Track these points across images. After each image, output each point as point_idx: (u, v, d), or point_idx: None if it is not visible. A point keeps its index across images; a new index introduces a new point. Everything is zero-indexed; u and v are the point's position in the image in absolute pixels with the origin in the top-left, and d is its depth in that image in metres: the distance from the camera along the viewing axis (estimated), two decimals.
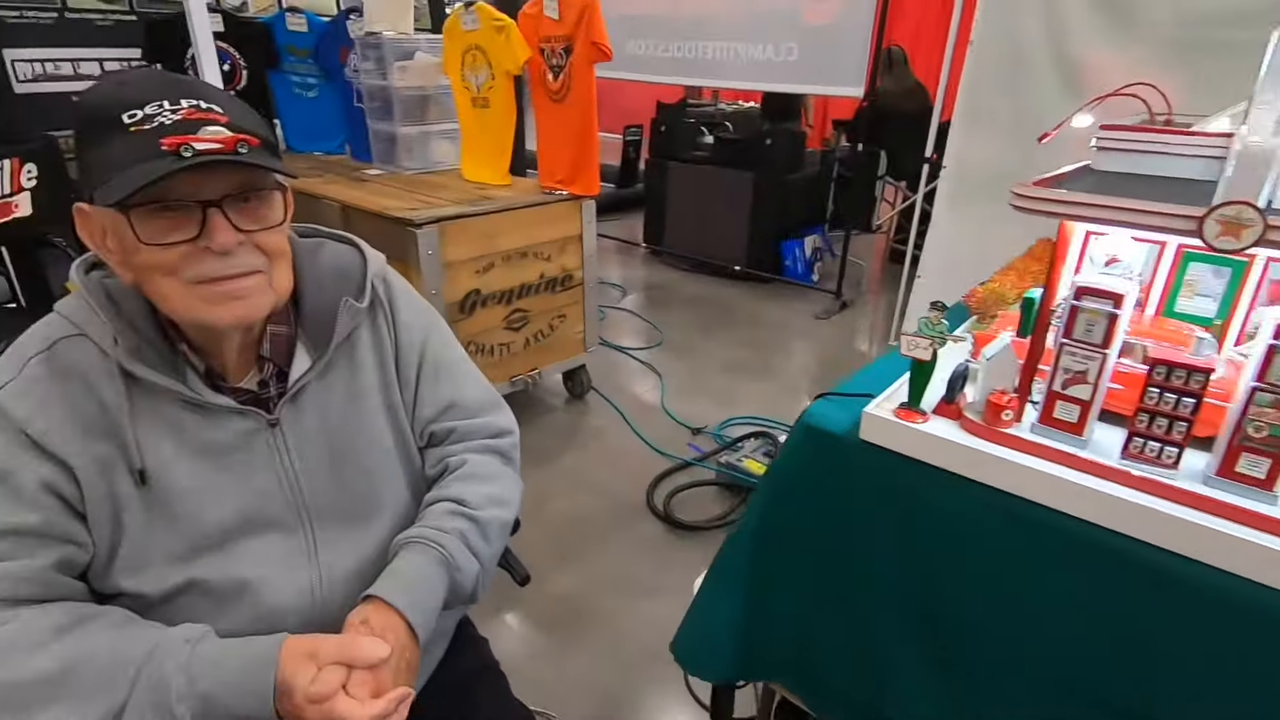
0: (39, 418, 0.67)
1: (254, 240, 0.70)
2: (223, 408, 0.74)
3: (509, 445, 0.96)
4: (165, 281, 0.67)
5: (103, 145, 0.65)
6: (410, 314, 0.89)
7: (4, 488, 0.66)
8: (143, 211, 0.65)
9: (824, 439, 0.65)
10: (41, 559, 0.67)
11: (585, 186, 2.55)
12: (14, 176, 1.46)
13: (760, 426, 2.75)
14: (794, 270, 4.50)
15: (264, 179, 0.70)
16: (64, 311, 0.72)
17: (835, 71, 3.67)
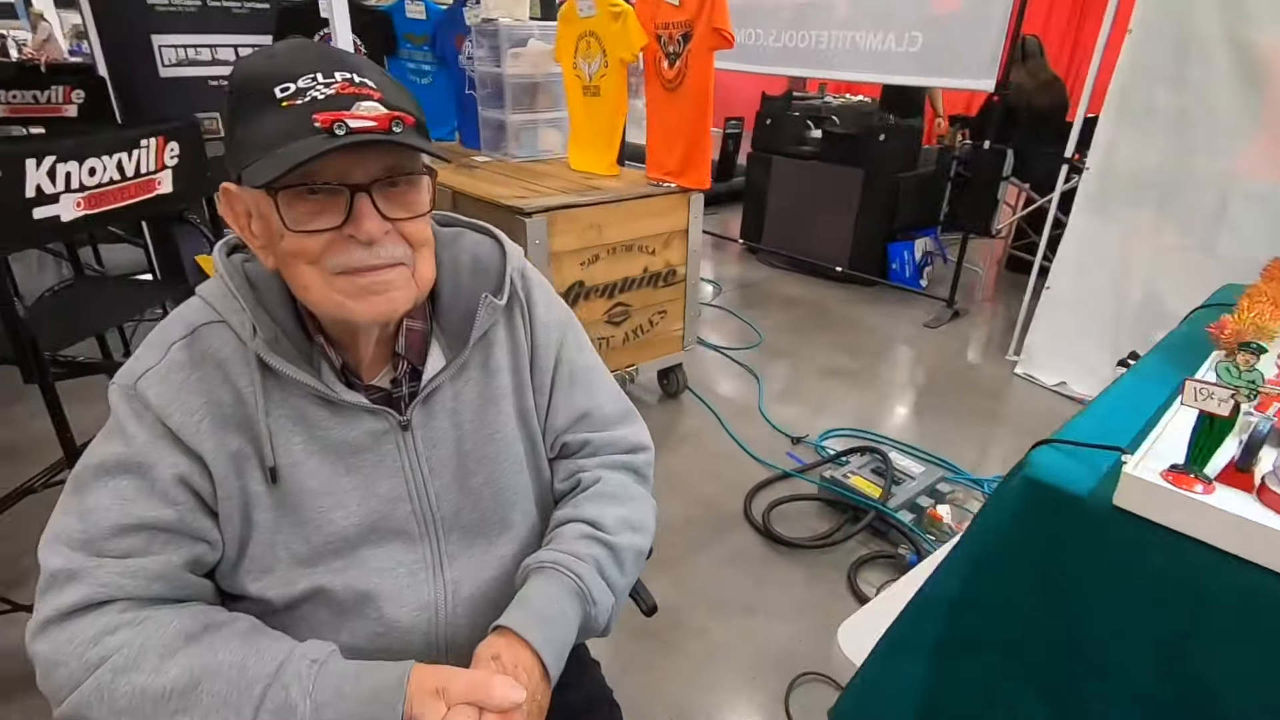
0: (177, 408, 0.64)
1: (400, 229, 0.65)
2: (355, 406, 0.70)
3: (644, 463, 0.88)
4: (307, 270, 0.63)
5: (252, 121, 0.61)
6: (548, 313, 0.83)
7: (141, 480, 0.64)
8: (290, 194, 0.61)
9: (1056, 499, 0.53)
10: (174, 556, 0.65)
11: (695, 180, 2.46)
12: (159, 154, 1.50)
13: (866, 440, 2.58)
14: (900, 274, 4.26)
15: (413, 162, 0.65)
16: (205, 295, 0.69)
17: (964, 63, 3.40)
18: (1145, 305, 2.92)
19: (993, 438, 2.72)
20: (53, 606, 0.61)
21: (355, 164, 0.61)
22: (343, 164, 0.61)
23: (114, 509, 0.63)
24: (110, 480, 0.63)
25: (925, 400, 2.97)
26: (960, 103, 6.53)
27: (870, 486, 2.13)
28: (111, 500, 0.63)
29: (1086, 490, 0.51)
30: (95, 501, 0.63)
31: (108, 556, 0.62)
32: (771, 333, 3.60)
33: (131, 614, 0.62)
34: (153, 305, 1.78)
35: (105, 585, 0.61)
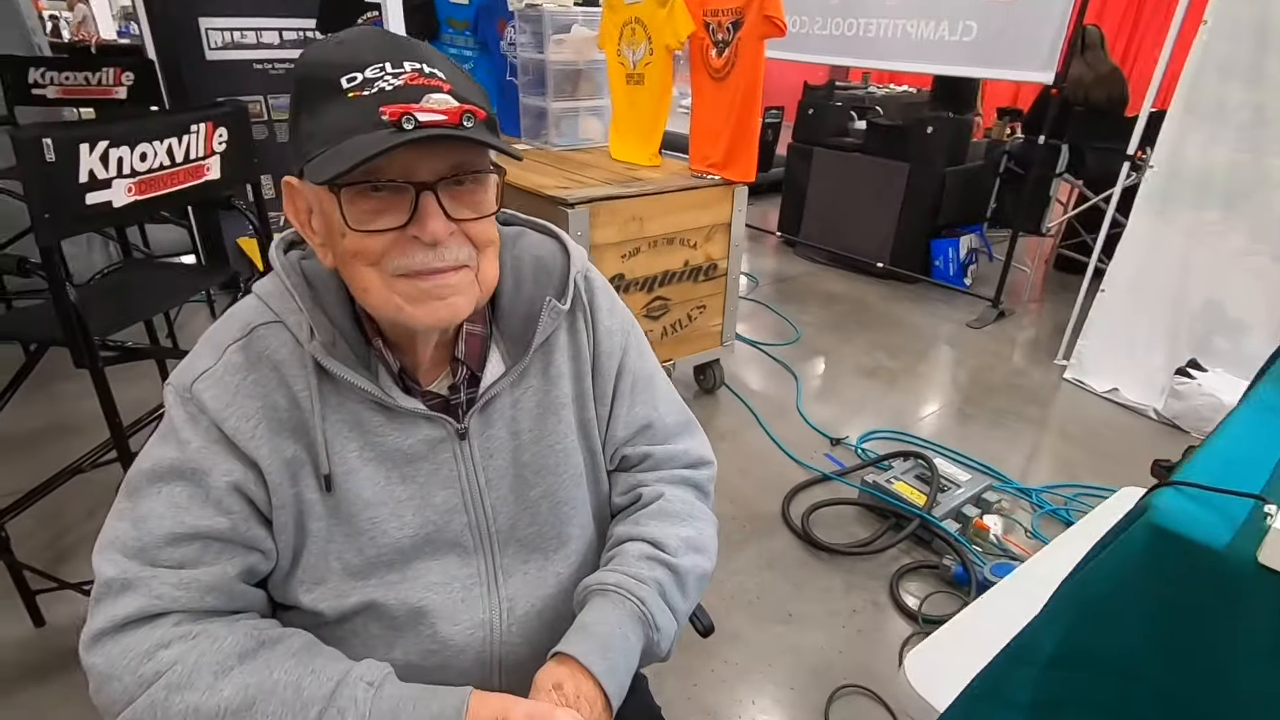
0: (233, 413, 0.62)
1: (466, 230, 0.62)
2: (411, 412, 0.67)
3: (707, 479, 0.85)
4: (367, 272, 0.60)
5: (318, 112, 0.58)
6: (611, 318, 0.79)
7: (195, 488, 0.62)
8: (352, 191, 0.58)
9: (1187, 550, 0.48)
10: (228, 567, 0.63)
11: (741, 172, 2.40)
12: (208, 140, 1.49)
13: (908, 444, 2.51)
14: (944, 272, 4.14)
15: (482, 159, 0.62)
16: (262, 294, 0.67)
17: (1021, 53, 3.27)
18: (1205, 312, 2.79)
19: (1040, 445, 2.63)
20: (107, 617, 0.59)
21: (421, 160, 0.58)
22: (408, 160, 0.57)
23: (168, 517, 0.61)
24: (164, 486, 0.62)
25: (969, 404, 2.88)
26: (1007, 94, 6.33)
27: (914, 493, 2.06)
28: (165, 508, 0.61)
29: (1222, 542, 0.46)
30: (149, 508, 0.61)
31: (162, 566, 0.61)
32: (809, 329, 3.53)
33: (186, 627, 0.60)
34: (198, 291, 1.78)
35: (160, 597, 0.60)
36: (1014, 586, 0.92)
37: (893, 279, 4.22)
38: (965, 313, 3.81)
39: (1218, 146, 2.63)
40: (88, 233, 2.91)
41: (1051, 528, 2.13)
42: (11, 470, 2.09)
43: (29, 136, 1.15)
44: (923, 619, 1.75)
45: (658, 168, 2.58)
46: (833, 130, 4.58)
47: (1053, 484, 2.33)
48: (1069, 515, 2.17)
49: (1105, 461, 2.49)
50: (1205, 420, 2.61)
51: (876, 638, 1.73)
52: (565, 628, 0.73)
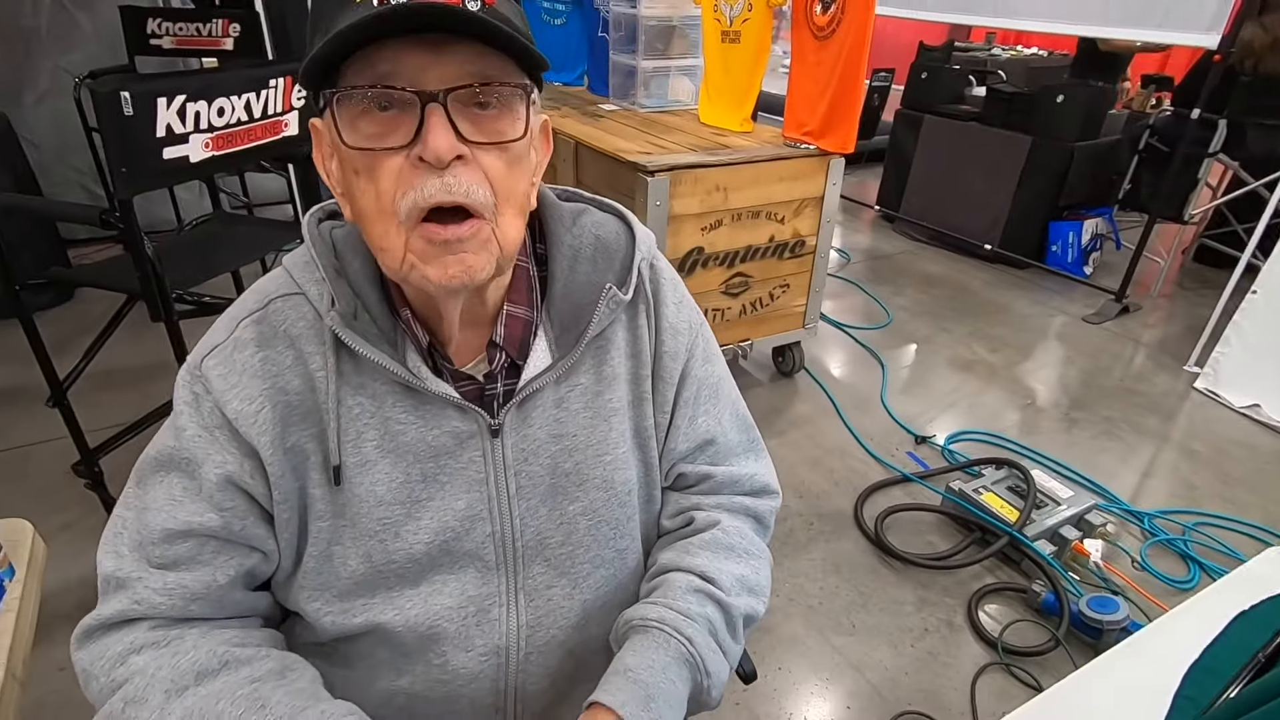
0: (237, 394, 0.57)
1: (479, 160, 0.52)
2: (440, 398, 0.59)
3: (769, 510, 0.75)
4: (380, 226, 0.53)
5: (328, 30, 0.50)
6: (677, 314, 0.69)
7: (189, 480, 0.58)
8: (354, 109, 0.50)
9: None
10: (219, 573, 0.59)
11: (839, 142, 2.20)
12: (287, 95, 1.48)
13: (1004, 450, 2.30)
14: (1061, 258, 3.76)
15: (506, 70, 0.52)
16: (288, 265, 0.61)
17: (1181, 12, 2.84)
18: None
19: (1159, 463, 2.35)
20: (96, 615, 0.58)
21: (430, 67, 0.49)
22: (415, 67, 0.49)
23: (164, 511, 0.57)
24: (164, 476, 0.58)
25: (1077, 408, 2.61)
26: (1154, 61, 5.61)
27: (1005, 507, 1.88)
28: (163, 500, 0.58)
29: None
30: (150, 499, 0.58)
31: (154, 566, 0.58)
32: (902, 313, 3.30)
33: (161, 633, 0.57)
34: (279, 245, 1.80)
35: (140, 602, 0.57)
36: (1137, 653, 0.78)
37: (1001, 263, 3.87)
38: (1082, 305, 3.45)
39: None
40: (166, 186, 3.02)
41: (1164, 560, 1.89)
42: (117, 404, 2.23)
43: (108, 90, 1.15)
44: (1003, 648, 1.59)
45: (749, 134, 2.42)
46: (947, 96, 4.21)
47: (1170, 509, 2.07)
48: (1186, 547, 1.92)
49: (1237, 489, 2.19)
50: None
51: (948, 663, 1.59)
52: (591, 661, 0.67)
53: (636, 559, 0.71)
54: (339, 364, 0.58)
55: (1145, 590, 1.76)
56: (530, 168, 0.58)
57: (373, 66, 0.49)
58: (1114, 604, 1.58)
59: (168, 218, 3.37)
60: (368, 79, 0.49)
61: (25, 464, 2.07)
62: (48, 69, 3.33)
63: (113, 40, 3.15)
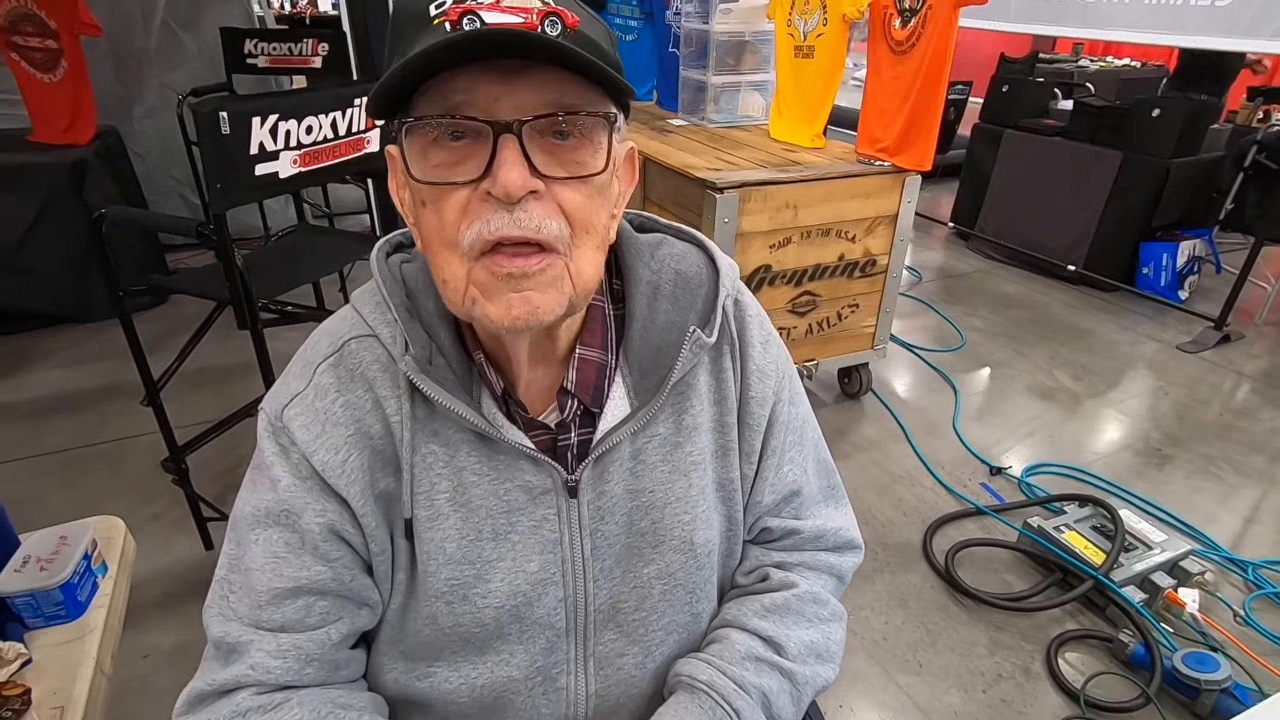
0: (323, 444, 0.55)
1: (555, 193, 0.48)
2: (514, 448, 0.56)
3: (851, 568, 0.71)
4: (446, 256, 0.50)
5: (402, 54, 0.49)
6: (765, 355, 0.64)
7: (290, 533, 0.56)
8: (424, 139, 0.48)
9: None
10: (333, 630, 0.57)
11: (916, 159, 2.14)
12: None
13: (1088, 487, 2.16)
14: (1153, 281, 3.53)
15: (589, 100, 0.48)
16: (357, 304, 0.60)
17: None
18: None
19: (1264, 507, 2.16)
20: (206, 680, 0.56)
21: (506, 94, 0.46)
22: (490, 96, 0.46)
23: (267, 569, 0.56)
24: (261, 533, 0.57)
25: (1170, 444, 2.43)
26: None
27: (1090, 548, 1.76)
28: (264, 558, 0.56)
29: None
30: (251, 558, 0.57)
31: (265, 629, 0.56)
32: (977, 335, 3.16)
33: (265, 698, 0.55)
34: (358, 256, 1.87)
35: (255, 668, 0.55)
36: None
37: (1085, 285, 3.67)
38: (1176, 332, 3.23)
39: None
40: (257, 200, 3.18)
41: (1271, 615, 1.73)
42: (205, 402, 2.36)
43: (208, 110, 1.22)
44: (1085, 701, 1.49)
45: (820, 150, 2.37)
46: (1030, 110, 4.03)
47: (1278, 559, 1.90)
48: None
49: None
50: None
51: (1024, 713, 1.49)
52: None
53: (709, 620, 0.67)
54: (413, 409, 0.56)
55: (1249, 648, 1.61)
56: (612, 199, 0.55)
57: (445, 97, 0.47)
58: (1214, 662, 1.45)
59: (255, 225, 3.56)
60: (439, 108, 0.47)
61: (122, 456, 2.21)
62: (154, 86, 3.58)
63: (213, 59, 3.36)
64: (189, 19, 3.59)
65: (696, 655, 0.63)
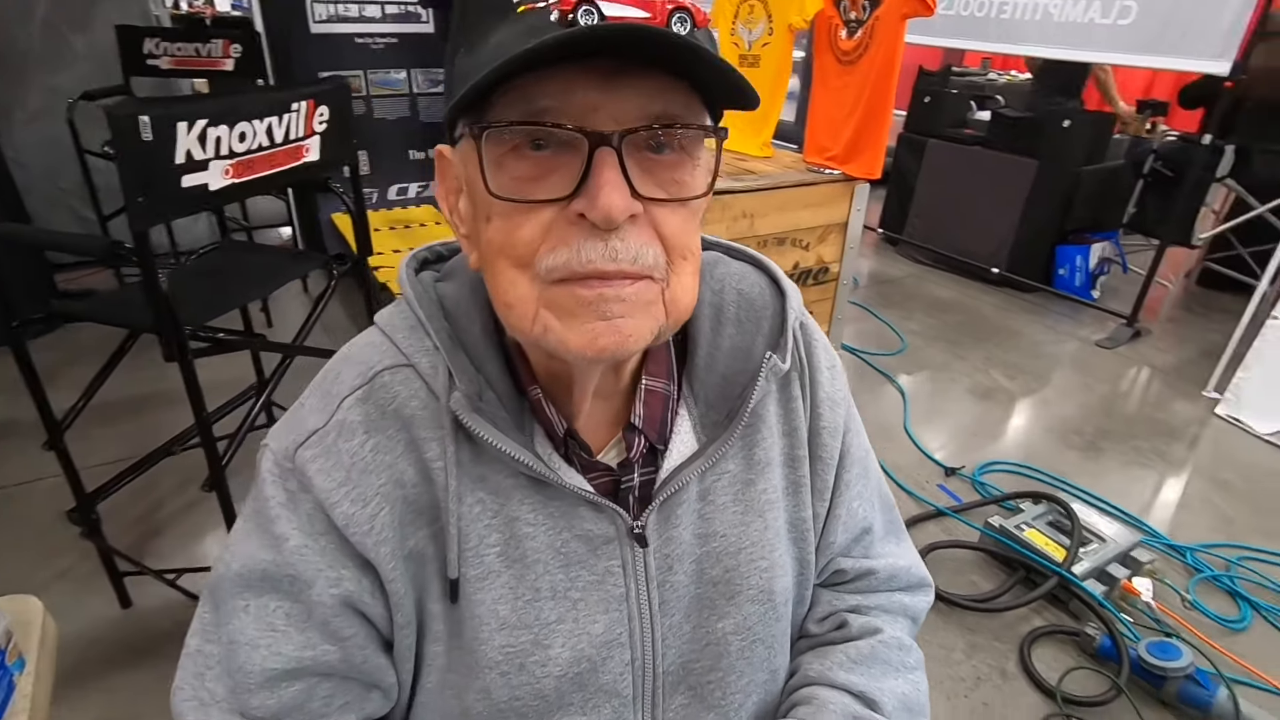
0: (346, 495, 0.47)
1: (655, 219, 0.43)
2: (573, 492, 0.49)
3: (925, 609, 0.67)
4: (513, 275, 0.43)
5: (478, 44, 0.42)
6: (833, 382, 0.59)
7: (294, 604, 0.47)
8: (503, 145, 0.41)
9: None
10: (337, 717, 0.48)
11: (865, 168, 2.17)
12: (308, 119, 1.40)
13: (1036, 481, 2.24)
14: (1068, 282, 3.75)
15: (693, 111, 0.42)
16: (387, 329, 0.51)
17: (1190, 38, 2.86)
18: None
19: (1191, 494, 2.30)
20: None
21: (605, 101, 0.40)
22: (587, 101, 0.40)
23: (261, 645, 0.47)
24: (254, 599, 0.47)
25: (1102, 438, 2.56)
26: (1138, 86, 5.69)
27: (1050, 544, 1.81)
28: (257, 630, 0.47)
29: None
30: (238, 630, 0.47)
31: (255, 718, 0.47)
32: (916, 339, 3.25)
33: None
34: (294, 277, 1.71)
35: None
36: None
37: (1009, 286, 3.86)
38: (1093, 329, 3.43)
39: None
40: (184, 215, 2.94)
41: (1213, 598, 1.83)
42: (114, 440, 2.12)
43: (125, 114, 1.07)
44: (1062, 698, 1.51)
45: (770, 159, 2.37)
46: (950, 120, 4.22)
47: (1211, 543, 2.01)
48: (1233, 584, 1.86)
49: (1272, 519, 2.15)
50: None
51: (1005, 716, 1.51)
52: None
53: (785, 676, 0.61)
54: (457, 452, 0.48)
55: (1200, 631, 1.69)
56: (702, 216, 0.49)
57: (530, 99, 0.40)
58: (1176, 650, 1.50)
59: (161, 241, 3.26)
60: (521, 112, 0.40)
61: (18, 506, 1.94)
62: (38, 89, 3.23)
63: (104, 60, 3.07)
64: (77, 17, 3.26)
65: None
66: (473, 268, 0.48)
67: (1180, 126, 4.18)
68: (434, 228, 3.18)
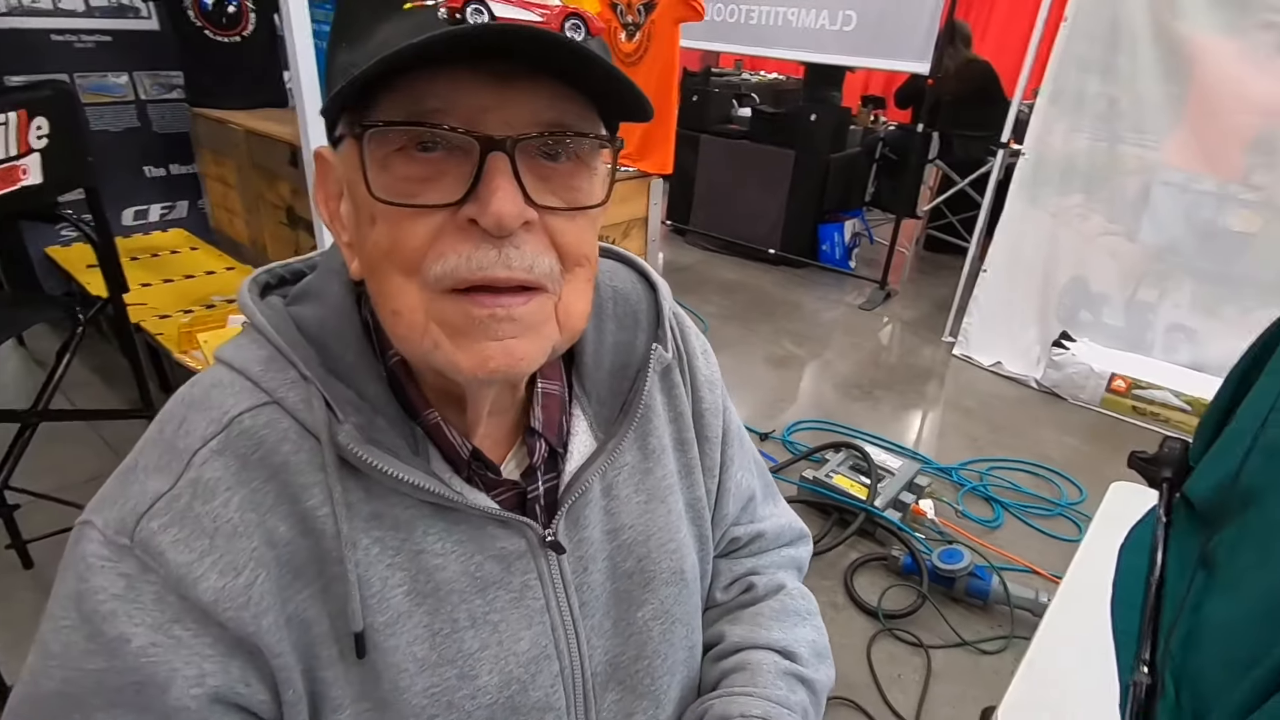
0: (215, 565, 0.40)
1: (550, 227, 0.41)
2: (481, 513, 0.47)
3: (808, 557, 0.72)
4: (396, 282, 0.40)
5: (359, 39, 0.39)
6: (707, 364, 0.62)
7: (138, 715, 0.39)
8: (386, 146, 0.39)
9: None
10: None
11: (658, 163, 2.28)
12: (21, 134, 1.14)
13: (835, 434, 2.54)
14: (831, 255, 4.28)
15: (588, 120, 0.42)
16: (237, 363, 0.44)
17: (898, 44, 3.40)
18: (1071, 288, 3.05)
19: (946, 423, 2.76)
20: None
21: (496, 105, 0.39)
22: (477, 103, 0.38)
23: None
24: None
25: (877, 387, 2.97)
26: (878, 81, 6.64)
27: (855, 486, 2.07)
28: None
29: None
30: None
31: None
32: (714, 320, 3.50)
33: None
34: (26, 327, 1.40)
35: None
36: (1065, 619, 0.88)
37: (784, 264, 4.30)
38: (855, 295, 3.96)
39: (1078, 135, 2.87)
40: None
41: (975, 505, 2.22)
42: None
43: None
44: (883, 615, 1.75)
45: None
46: (717, 118, 4.58)
47: (966, 461, 2.44)
48: (987, 490, 2.27)
49: (1004, 434, 2.65)
50: (1079, 387, 2.86)
51: (843, 643, 1.70)
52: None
53: (702, 649, 0.63)
54: (345, 492, 0.43)
55: (970, 534, 2.05)
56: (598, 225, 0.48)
57: (417, 99, 0.38)
58: (958, 554, 1.81)
59: None
60: (408, 113, 0.38)
61: None
62: None
63: None
64: None
65: (732, 692, 0.58)
66: (354, 276, 0.45)
67: (898, 118, 4.94)
68: (190, 254, 2.76)
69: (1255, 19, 2.39)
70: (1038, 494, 2.28)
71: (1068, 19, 2.75)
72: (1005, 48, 5.47)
